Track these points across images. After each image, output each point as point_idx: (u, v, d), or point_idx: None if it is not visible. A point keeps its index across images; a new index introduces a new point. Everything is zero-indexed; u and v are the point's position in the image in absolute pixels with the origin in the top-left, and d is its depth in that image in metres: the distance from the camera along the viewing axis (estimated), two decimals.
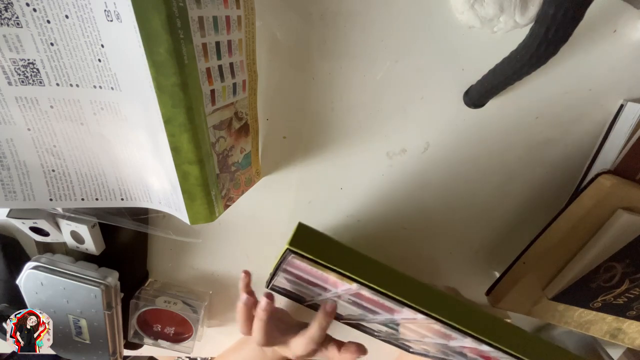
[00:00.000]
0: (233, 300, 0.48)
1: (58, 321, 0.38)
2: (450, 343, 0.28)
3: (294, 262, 0.26)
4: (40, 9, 0.21)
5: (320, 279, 0.28)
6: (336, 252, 0.24)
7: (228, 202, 0.31)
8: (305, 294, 0.34)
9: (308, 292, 0.33)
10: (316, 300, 0.35)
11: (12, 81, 0.24)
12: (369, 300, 0.27)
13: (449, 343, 0.28)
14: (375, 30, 0.30)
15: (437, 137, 0.35)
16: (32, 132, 0.26)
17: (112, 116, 0.26)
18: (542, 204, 0.39)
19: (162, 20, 0.19)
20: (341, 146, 0.36)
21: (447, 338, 0.28)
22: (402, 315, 0.27)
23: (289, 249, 0.23)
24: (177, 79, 0.21)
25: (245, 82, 0.29)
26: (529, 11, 0.26)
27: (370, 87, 0.33)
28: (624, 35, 0.30)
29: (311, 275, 0.28)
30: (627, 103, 0.32)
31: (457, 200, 0.40)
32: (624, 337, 0.43)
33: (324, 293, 0.31)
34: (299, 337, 0.34)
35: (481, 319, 0.24)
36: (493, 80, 0.29)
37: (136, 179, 0.29)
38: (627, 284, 0.36)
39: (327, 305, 0.31)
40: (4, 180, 0.27)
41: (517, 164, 0.37)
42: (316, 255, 0.23)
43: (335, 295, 0.30)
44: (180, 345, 0.47)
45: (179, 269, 0.45)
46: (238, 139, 0.30)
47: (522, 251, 0.40)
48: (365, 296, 0.26)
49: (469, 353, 0.28)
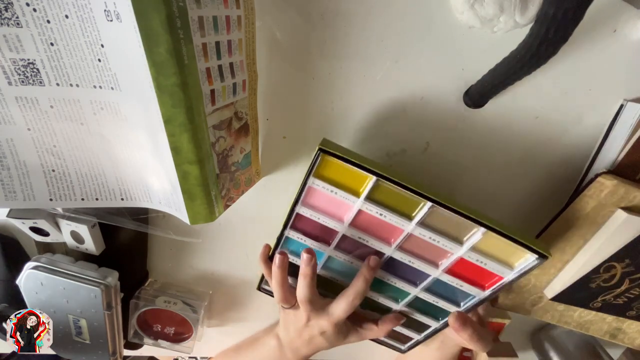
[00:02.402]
0: (233, 300, 0.48)
1: (58, 321, 0.38)
2: (439, 270, 0.32)
3: (312, 188, 0.30)
4: (40, 9, 0.21)
5: (330, 207, 0.31)
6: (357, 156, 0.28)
7: (228, 202, 0.31)
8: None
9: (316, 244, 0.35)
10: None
11: (12, 81, 0.24)
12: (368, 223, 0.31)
13: (437, 272, 0.32)
14: (375, 30, 0.30)
15: (437, 137, 0.35)
16: (32, 132, 0.26)
17: (112, 116, 0.26)
18: (542, 203, 0.39)
19: (162, 20, 0.19)
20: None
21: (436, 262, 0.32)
22: (399, 239, 0.31)
23: (320, 149, 0.27)
24: (177, 79, 0.21)
25: (245, 82, 0.29)
26: (529, 11, 0.26)
27: (370, 87, 0.33)
28: (624, 35, 0.30)
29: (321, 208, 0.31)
30: (627, 103, 0.32)
31: (457, 200, 0.39)
32: (624, 337, 0.43)
33: (326, 248, 0.33)
34: (339, 299, 0.34)
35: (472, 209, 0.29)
36: (493, 80, 0.29)
37: (136, 179, 0.29)
38: (627, 284, 0.36)
39: (371, 259, 0.32)
40: (4, 180, 0.27)
41: (517, 163, 0.37)
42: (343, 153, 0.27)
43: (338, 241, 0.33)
44: (180, 345, 0.47)
45: (179, 269, 0.45)
46: (238, 139, 0.30)
47: None
48: (367, 216, 0.30)
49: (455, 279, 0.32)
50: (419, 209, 0.29)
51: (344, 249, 0.33)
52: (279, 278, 0.34)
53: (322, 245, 0.33)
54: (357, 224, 0.31)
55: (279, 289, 0.34)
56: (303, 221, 0.32)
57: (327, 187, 0.29)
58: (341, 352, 0.44)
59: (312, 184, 0.29)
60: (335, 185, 0.29)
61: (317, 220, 0.31)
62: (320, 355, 0.41)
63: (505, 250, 0.30)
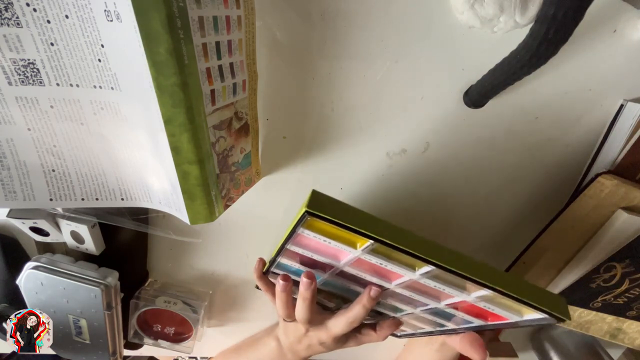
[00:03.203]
0: (233, 300, 0.48)
1: (58, 321, 0.38)
2: (440, 304, 0.30)
3: (302, 236, 0.26)
4: (40, 9, 0.21)
5: (324, 252, 0.28)
6: (350, 213, 0.24)
7: (228, 202, 0.31)
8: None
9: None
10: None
11: (12, 81, 0.24)
12: (368, 267, 0.28)
13: (439, 304, 0.30)
14: (375, 30, 0.30)
15: (437, 137, 0.35)
16: (32, 132, 0.26)
17: (112, 116, 0.26)
18: (542, 204, 0.39)
19: (162, 20, 0.19)
20: (341, 146, 0.36)
21: (439, 298, 0.30)
22: (399, 281, 0.28)
23: (307, 211, 0.23)
24: (177, 79, 0.21)
25: (245, 82, 0.29)
26: (529, 11, 0.26)
27: (370, 87, 0.33)
28: (624, 35, 0.30)
29: (314, 251, 0.28)
30: (627, 103, 0.32)
31: (457, 200, 0.40)
32: (624, 337, 0.43)
33: (321, 275, 0.32)
34: (338, 317, 0.34)
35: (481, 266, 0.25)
36: (493, 80, 0.29)
37: (136, 179, 0.29)
38: (627, 284, 0.36)
39: (372, 289, 0.31)
40: (4, 180, 0.27)
41: (517, 164, 0.37)
42: (332, 215, 0.23)
43: (335, 271, 0.30)
44: (180, 345, 0.47)
45: (179, 269, 0.45)
46: (238, 139, 0.30)
47: (522, 251, 0.40)
48: (366, 262, 0.27)
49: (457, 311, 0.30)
50: (423, 266, 0.26)
51: (342, 276, 0.31)
52: (284, 301, 0.34)
53: (318, 271, 0.32)
54: (355, 265, 0.28)
55: (282, 309, 0.35)
56: (296, 254, 0.30)
57: (320, 237, 0.26)
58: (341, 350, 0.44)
59: (301, 233, 0.26)
60: (329, 237, 0.26)
61: (311, 257, 0.29)
62: (320, 354, 0.41)
63: (516, 305, 0.27)
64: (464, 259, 0.25)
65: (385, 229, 0.24)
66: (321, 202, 0.24)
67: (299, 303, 0.33)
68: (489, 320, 0.30)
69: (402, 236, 0.24)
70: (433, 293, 0.29)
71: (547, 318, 0.25)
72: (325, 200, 0.24)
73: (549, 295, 0.26)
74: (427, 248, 0.24)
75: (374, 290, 0.31)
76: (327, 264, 0.30)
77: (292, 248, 0.29)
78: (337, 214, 0.23)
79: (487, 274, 0.24)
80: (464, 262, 0.25)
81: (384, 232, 0.24)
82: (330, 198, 0.25)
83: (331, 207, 0.24)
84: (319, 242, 0.26)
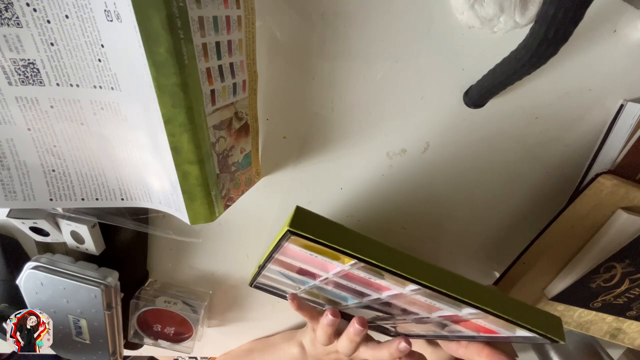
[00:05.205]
0: (233, 300, 0.48)
1: (58, 321, 0.38)
2: (432, 315, 0.29)
3: (288, 248, 0.26)
4: (40, 9, 0.21)
5: (311, 263, 0.28)
6: (334, 232, 0.24)
7: (228, 202, 0.31)
8: (290, 285, 0.35)
9: (293, 283, 0.33)
10: (301, 290, 0.35)
11: (12, 81, 0.24)
12: (358, 279, 0.28)
13: (431, 315, 0.29)
14: (375, 30, 0.30)
15: (437, 137, 0.35)
16: (32, 132, 0.26)
17: (112, 116, 0.26)
18: (542, 204, 0.39)
19: (162, 20, 0.19)
20: (341, 146, 0.36)
21: (430, 310, 0.29)
22: (390, 292, 0.28)
23: (289, 230, 0.22)
24: (177, 79, 0.21)
25: (245, 82, 0.29)
26: (529, 11, 0.26)
27: (370, 87, 0.33)
28: (624, 35, 0.30)
29: (302, 261, 0.28)
30: (627, 103, 0.32)
31: (457, 200, 0.40)
32: (624, 337, 0.43)
33: (311, 281, 0.31)
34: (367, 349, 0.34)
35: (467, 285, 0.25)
36: (493, 80, 0.29)
37: (136, 179, 0.29)
38: (627, 284, 0.36)
39: (401, 343, 0.31)
40: (4, 180, 0.27)
41: (517, 164, 0.37)
42: (315, 234, 0.23)
43: (323, 280, 0.30)
44: (180, 345, 0.47)
45: (179, 269, 0.45)
46: (238, 139, 0.30)
47: (522, 251, 0.40)
48: (356, 276, 0.27)
49: (449, 322, 0.30)
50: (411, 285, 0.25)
51: (332, 284, 0.31)
52: (329, 334, 0.35)
53: (308, 277, 0.31)
54: (344, 276, 0.28)
55: (324, 339, 0.35)
56: (284, 262, 0.30)
57: (306, 251, 0.25)
58: None
59: (287, 246, 0.25)
60: (315, 252, 0.25)
61: (299, 265, 0.29)
62: None
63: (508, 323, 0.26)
64: (453, 279, 0.24)
65: (370, 248, 0.24)
66: (304, 221, 0.23)
67: (345, 342, 0.33)
68: (480, 332, 0.30)
69: (388, 255, 0.24)
70: (425, 306, 0.29)
71: (539, 338, 0.25)
72: (309, 219, 0.24)
73: (543, 316, 0.25)
74: (414, 268, 0.24)
75: (403, 344, 0.31)
76: (316, 274, 0.30)
77: (281, 257, 0.28)
78: (321, 232, 0.23)
79: (477, 294, 0.24)
80: (453, 282, 0.24)
81: (369, 251, 0.23)
82: (314, 216, 0.24)
83: (315, 226, 0.23)
84: (305, 255, 0.26)
